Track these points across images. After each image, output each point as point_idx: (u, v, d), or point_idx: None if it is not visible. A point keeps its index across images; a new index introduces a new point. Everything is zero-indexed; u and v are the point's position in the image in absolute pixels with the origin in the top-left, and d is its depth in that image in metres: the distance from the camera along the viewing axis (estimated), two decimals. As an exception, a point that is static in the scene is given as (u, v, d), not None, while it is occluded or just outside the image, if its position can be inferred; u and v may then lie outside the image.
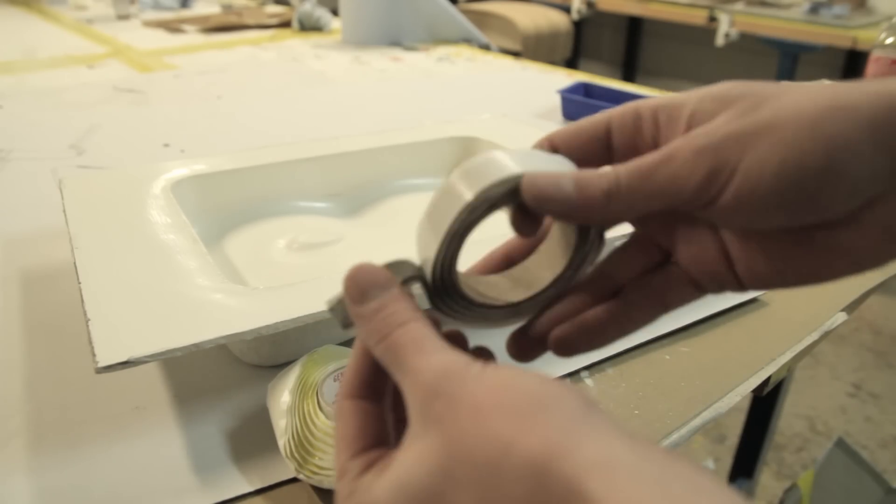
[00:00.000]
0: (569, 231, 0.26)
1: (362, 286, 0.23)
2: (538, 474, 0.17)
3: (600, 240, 0.27)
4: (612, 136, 0.26)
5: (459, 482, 0.18)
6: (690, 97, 0.24)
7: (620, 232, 0.28)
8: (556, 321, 0.26)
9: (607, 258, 0.27)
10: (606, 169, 0.24)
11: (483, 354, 0.26)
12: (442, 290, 0.25)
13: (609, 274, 0.27)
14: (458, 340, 0.26)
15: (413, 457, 0.20)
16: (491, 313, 0.27)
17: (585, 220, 0.24)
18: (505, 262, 0.29)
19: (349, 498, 0.22)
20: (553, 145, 0.27)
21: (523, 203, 0.24)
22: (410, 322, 0.22)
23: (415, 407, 0.20)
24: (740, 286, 0.25)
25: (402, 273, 0.25)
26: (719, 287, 0.26)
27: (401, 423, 0.24)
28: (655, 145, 0.25)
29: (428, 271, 0.25)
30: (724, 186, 0.22)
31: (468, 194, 0.23)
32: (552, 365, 0.45)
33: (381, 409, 0.24)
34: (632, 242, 0.27)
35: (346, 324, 0.24)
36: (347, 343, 0.46)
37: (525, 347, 0.27)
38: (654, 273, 0.26)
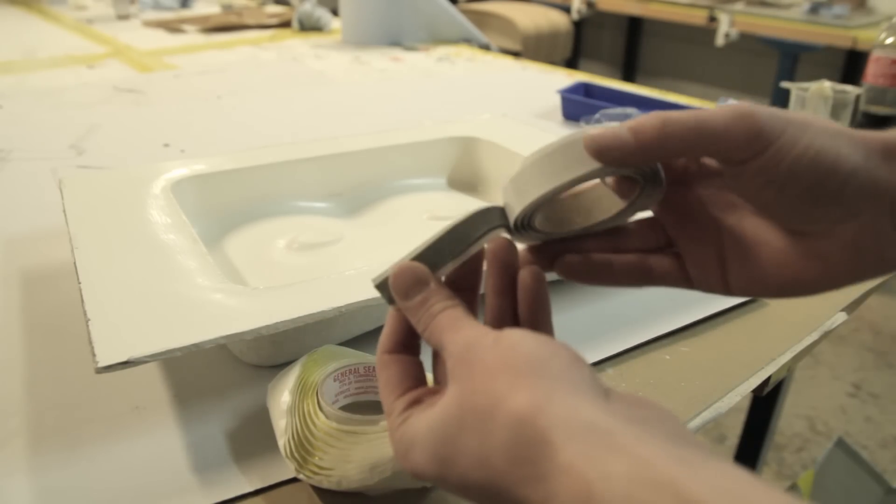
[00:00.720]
0: (625, 181, 0.30)
1: (407, 285, 0.28)
2: (519, 424, 0.22)
3: (652, 190, 0.30)
4: None
5: (467, 426, 0.23)
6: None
7: (644, 214, 0.32)
8: (571, 251, 0.32)
9: (626, 227, 0.32)
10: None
11: None
12: (521, 228, 0.30)
13: (622, 238, 0.32)
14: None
15: (441, 407, 0.25)
16: (552, 237, 0.32)
17: (642, 160, 0.27)
18: None
19: (397, 430, 0.27)
20: None
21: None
22: (446, 309, 0.28)
23: (449, 373, 0.26)
24: (725, 288, 0.30)
25: (489, 222, 0.30)
26: (706, 286, 0.30)
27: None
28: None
29: (517, 216, 0.29)
30: (765, 148, 0.26)
31: (590, 164, 0.27)
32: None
33: (416, 360, 0.30)
34: (647, 222, 0.32)
35: (390, 301, 0.29)
36: (347, 343, 0.46)
37: (539, 259, 0.32)
38: (656, 253, 0.31)
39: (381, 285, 0.29)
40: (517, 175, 0.29)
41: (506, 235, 0.30)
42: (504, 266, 0.30)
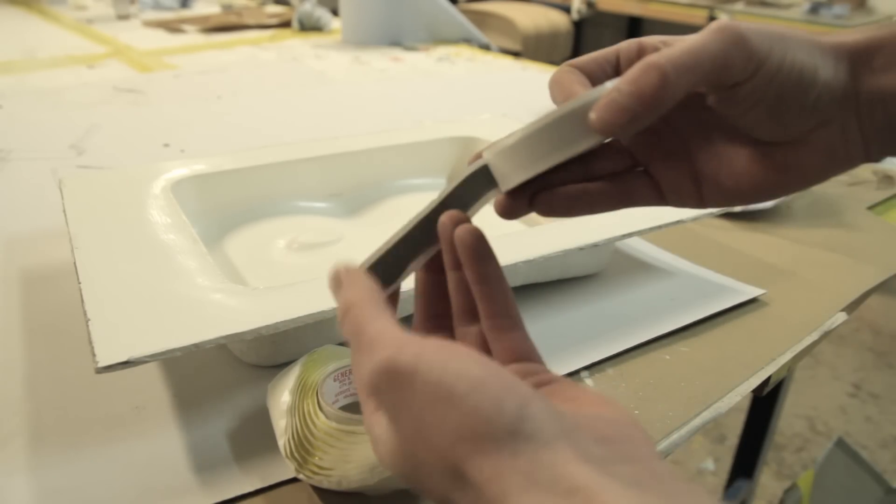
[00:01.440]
0: None
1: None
2: (477, 495, 0.21)
3: None
4: (620, 62, 0.31)
5: (423, 473, 0.23)
6: (693, 35, 0.28)
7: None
8: (543, 188, 0.31)
9: (593, 152, 0.31)
10: (637, 65, 0.26)
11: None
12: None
13: (592, 165, 0.31)
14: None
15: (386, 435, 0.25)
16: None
17: (650, 121, 0.26)
18: None
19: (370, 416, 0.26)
20: (575, 66, 0.31)
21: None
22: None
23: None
24: (700, 203, 0.30)
25: (483, 186, 0.29)
26: (680, 202, 0.31)
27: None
28: None
29: (512, 185, 0.29)
30: (758, 69, 0.26)
31: (593, 137, 0.27)
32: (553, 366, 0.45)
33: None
34: (614, 144, 0.31)
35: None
36: (348, 343, 0.46)
37: (514, 207, 0.31)
38: (628, 174, 0.31)
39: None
40: (515, 144, 0.28)
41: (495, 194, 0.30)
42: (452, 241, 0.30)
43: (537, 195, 0.30)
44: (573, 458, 0.20)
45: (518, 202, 0.30)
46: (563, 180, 0.30)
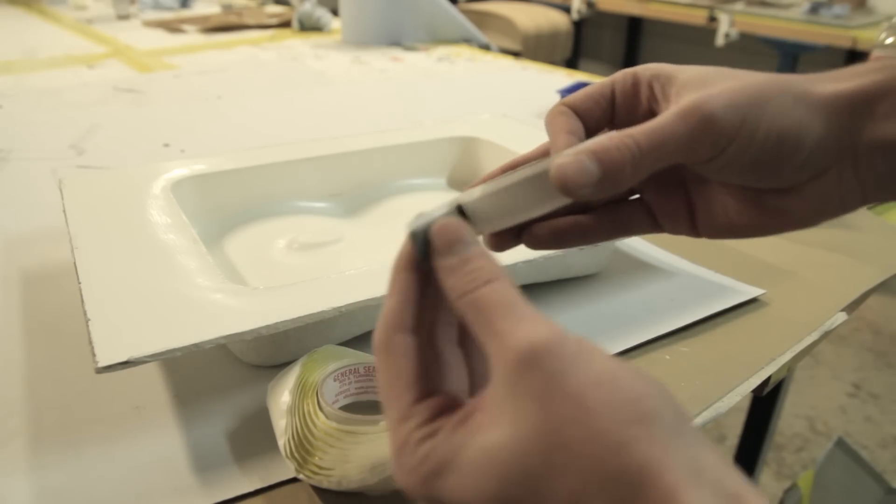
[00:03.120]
0: None
1: (450, 239, 0.24)
2: (641, 483, 0.18)
3: None
4: (616, 97, 0.31)
5: (558, 469, 0.19)
6: (681, 70, 0.29)
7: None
8: (530, 222, 0.30)
9: None
10: (607, 136, 0.26)
11: None
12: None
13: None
14: None
15: (506, 430, 0.20)
16: None
17: (611, 192, 0.26)
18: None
19: (418, 445, 0.22)
20: (569, 106, 0.30)
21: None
22: (496, 280, 0.23)
23: (502, 371, 0.21)
24: (695, 233, 0.30)
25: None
26: (675, 231, 0.31)
27: (461, 369, 0.25)
28: (650, 108, 0.30)
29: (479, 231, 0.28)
30: (728, 145, 0.26)
31: (558, 199, 0.26)
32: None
33: (435, 348, 0.25)
34: None
35: (423, 254, 0.25)
36: (347, 343, 0.46)
37: (501, 241, 0.30)
38: (622, 203, 0.31)
39: (416, 234, 0.25)
40: (482, 198, 0.27)
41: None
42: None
43: (524, 229, 0.30)
44: (723, 463, 0.19)
45: (504, 237, 0.30)
46: (553, 214, 0.29)
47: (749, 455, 1.07)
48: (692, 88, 0.27)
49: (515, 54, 1.97)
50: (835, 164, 0.27)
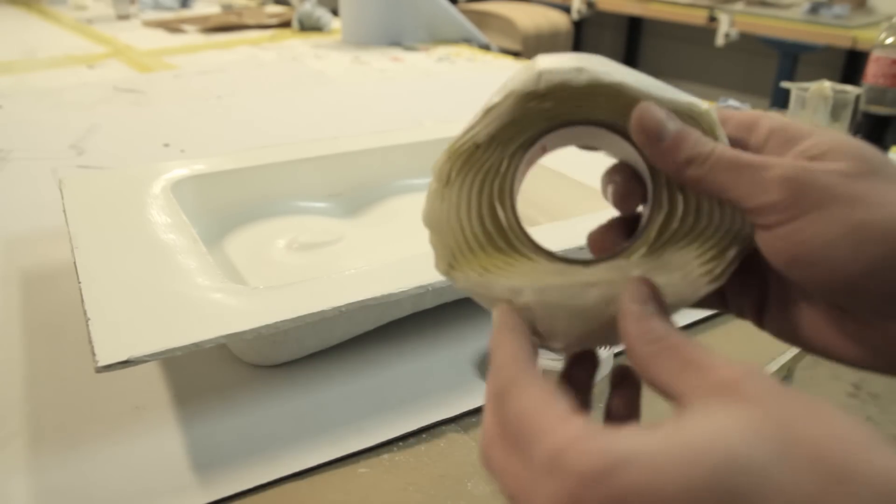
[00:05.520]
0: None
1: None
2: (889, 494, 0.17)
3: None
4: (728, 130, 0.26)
5: (798, 464, 0.17)
6: (809, 130, 0.24)
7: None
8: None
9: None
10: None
11: None
12: None
13: None
14: None
15: (736, 423, 0.18)
16: None
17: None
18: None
19: (586, 441, 0.19)
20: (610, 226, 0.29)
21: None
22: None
23: (707, 377, 0.21)
24: (760, 327, 0.27)
25: None
26: (742, 317, 0.28)
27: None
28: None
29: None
30: (795, 246, 0.22)
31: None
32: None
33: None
34: None
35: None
36: (348, 343, 0.46)
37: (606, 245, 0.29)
38: None
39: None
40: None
41: None
42: None
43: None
44: None
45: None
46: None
47: (749, 455, 1.06)
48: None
49: (515, 54, 1.97)
50: None
